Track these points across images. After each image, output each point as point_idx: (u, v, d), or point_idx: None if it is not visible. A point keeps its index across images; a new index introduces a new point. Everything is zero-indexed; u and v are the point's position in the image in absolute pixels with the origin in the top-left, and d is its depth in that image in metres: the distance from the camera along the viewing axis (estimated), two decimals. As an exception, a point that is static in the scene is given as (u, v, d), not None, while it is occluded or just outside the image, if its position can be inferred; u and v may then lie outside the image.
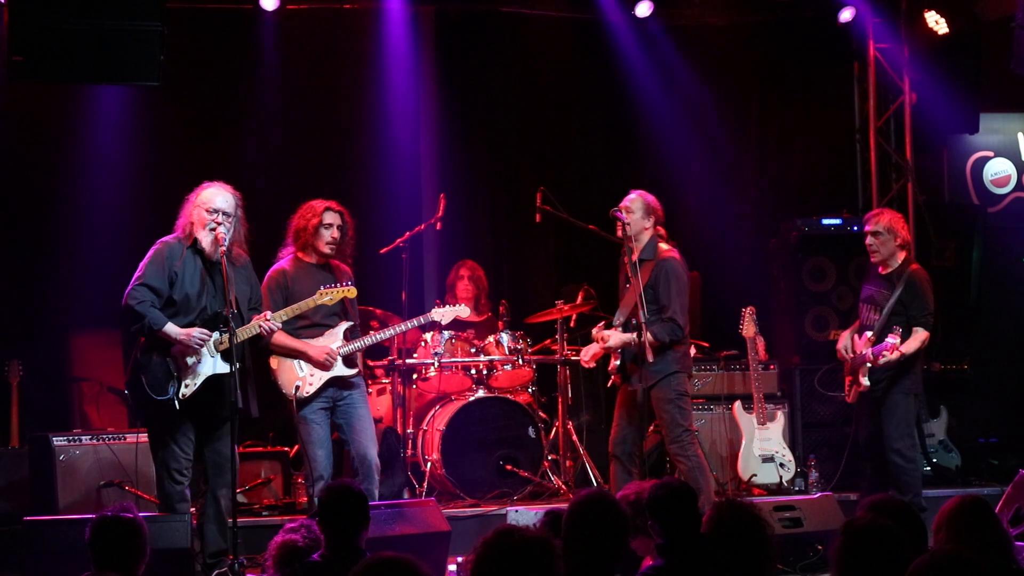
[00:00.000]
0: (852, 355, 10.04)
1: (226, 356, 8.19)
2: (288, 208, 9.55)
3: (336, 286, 8.97)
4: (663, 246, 9.71)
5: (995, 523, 5.52)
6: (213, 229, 8.35)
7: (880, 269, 10.15)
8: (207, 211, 8.41)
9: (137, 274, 8.40)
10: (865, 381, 9.91)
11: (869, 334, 9.95)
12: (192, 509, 8.53)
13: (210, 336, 8.28)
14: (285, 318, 8.65)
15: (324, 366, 9.11)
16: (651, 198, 9.80)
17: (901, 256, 10.11)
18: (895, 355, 9.74)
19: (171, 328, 8.24)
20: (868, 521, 5.00)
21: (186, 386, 8.25)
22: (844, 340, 10.17)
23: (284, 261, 9.31)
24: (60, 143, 11.97)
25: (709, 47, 13.10)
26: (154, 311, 8.25)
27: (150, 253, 8.47)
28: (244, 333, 8.36)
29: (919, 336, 9.92)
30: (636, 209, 9.69)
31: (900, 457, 9.97)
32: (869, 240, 10.11)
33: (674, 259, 9.66)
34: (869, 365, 9.84)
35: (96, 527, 6.11)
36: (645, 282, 9.50)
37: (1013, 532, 8.76)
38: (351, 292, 9.02)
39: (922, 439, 11.87)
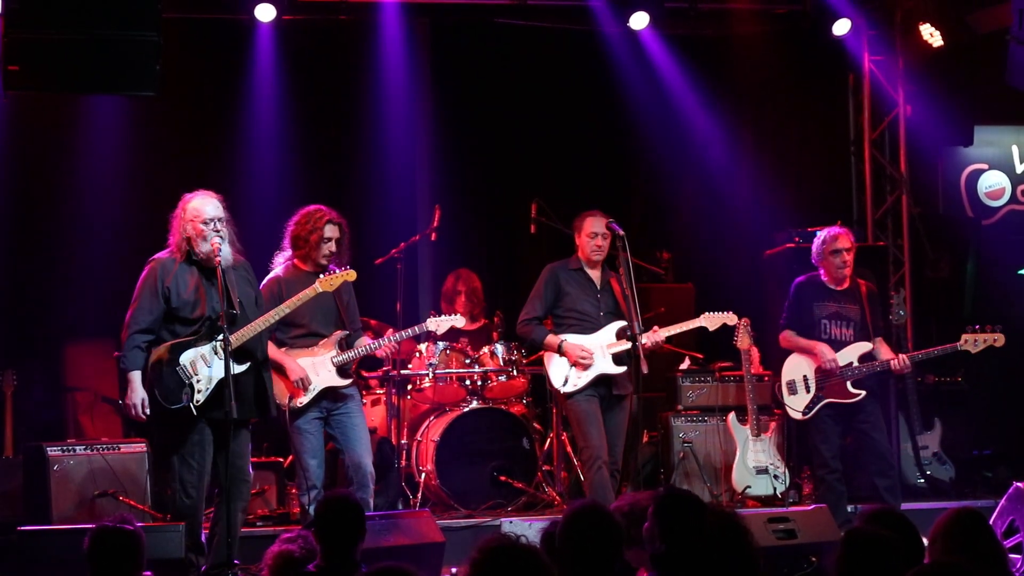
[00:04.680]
0: (852, 368, 10.10)
1: (235, 358, 8.16)
2: (283, 218, 9.54)
3: (334, 272, 8.94)
4: None
5: (990, 535, 5.53)
6: (214, 239, 8.32)
7: (834, 284, 10.27)
8: (202, 222, 8.35)
9: (132, 302, 8.41)
10: (856, 390, 10.02)
11: (869, 345, 10.09)
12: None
13: (140, 418, 8.31)
14: (287, 311, 8.60)
15: (297, 388, 9.10)
16: None
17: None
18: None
19: (134, 378, 8.26)
20: (871, 532, 5.02)
21: (199, 392, 8.23)
22: (831, 355, 10.17)
23: (280, 268, 9.31)
24: (56, 153, 11.98)
25: (704, 59, 13.11)
26: (133, 353, 8.28)
27: (142, 275, 8.45)
28: (250, 331, 8.32)
29: (886, 345, 10.25)
30: (608, 232, 9.84)
31: (895, 465, 10.17)
32: (848, 257, 10.22)
33: None
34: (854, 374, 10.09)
35: (95, 537, 6.08)
36: (619, 295, 9.75)
37: (1007, 544, 8.78)
38: (350, 275, 8.97)
39: (916, 451, 11.90)
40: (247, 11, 11.91)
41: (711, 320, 10.10)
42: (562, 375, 9.77)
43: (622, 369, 9.65)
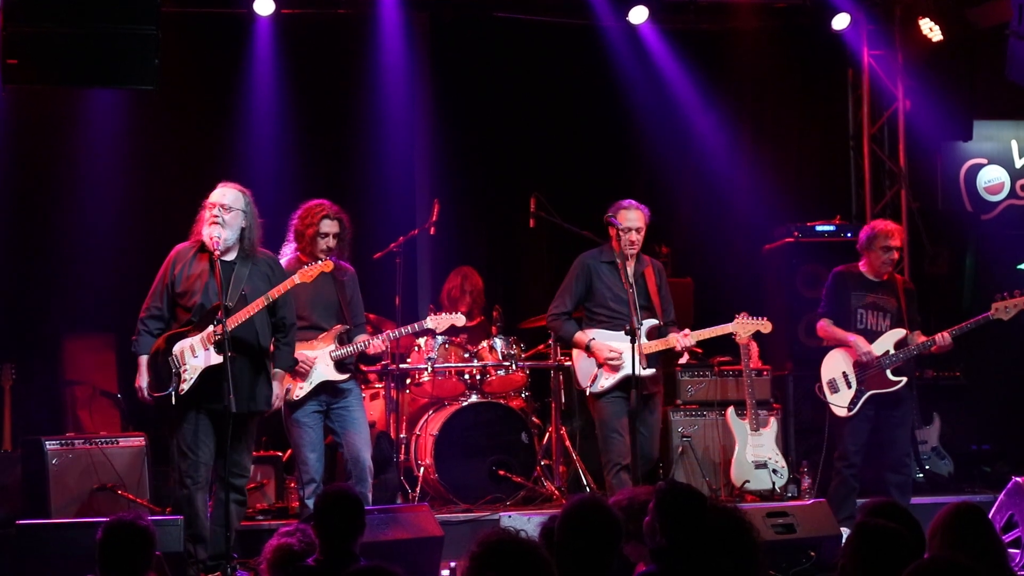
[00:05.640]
0: (890, 356, 10.06)
1: (219, 349, 8.17)
2: (281, 212, 9.55)
3: (313, 263, 8.92)
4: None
5: (990, 530, 5.54)
6: (211, 224, 8.38)
7: (873, 276, 10.21)
8: (206, 207, 8.46)
9: (151, 288, 8.59)
10: (896, 378, 10.00)
11: (904, 331, 10.09)
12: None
13: (148, 400, 8.42)
14: (269, 301, 8.47)
15: (299, 374, 9.10)
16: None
17: None
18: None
19: (142, 362, 8.43)
20: (883, 525, 5.04)
21: (184, 381, 8.25)
22: (865, 347, 10.09)
23: (283, 262, 9.30)
24: (54, 147, 11.97)
25: (703, 53, 13.11)
26: (143, 338, 8.46)
27: (164, 262, 8.61)
28: (235, 322, 8.26)
29: (924, 337, 10.13)
30: (644, 225, 9.66)
31: (911, 460, 10.21)
32: (897, 255, 10.26)
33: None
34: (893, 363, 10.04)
35: (109, 530, 6.10)
36: (653, 287, 9.60)
37: (1006, 539, 8.79)
38: (327, 266, 8.91)
39: (915, 446, 11.89)
40: (246, 5, 11.93)
41: (744, 326, 9.81)
42: (590, 374, 9.59)
43: (652, 371, 9.49)
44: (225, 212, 8.41)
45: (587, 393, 9.67)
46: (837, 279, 10.35)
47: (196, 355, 8.28)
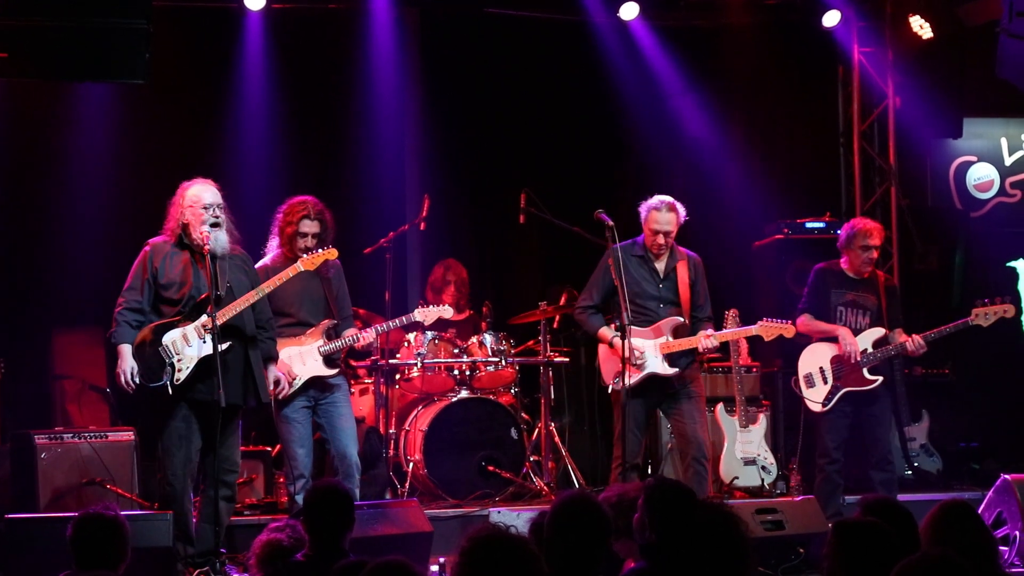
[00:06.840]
0: (868, 354, 10.06)
1: (213, 339, 8.17)
2: (271, 206, 9.54)
3: (316, 251, 8.92)
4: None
5: (981, 527, 5.54)
6: (214, 225, 8.38)
7: (854, 274, 10.22)
8: (202, 207, 8.43)
9: (125, 283, 8.54)
10: (873, 377, 10.01)
11: (883, 330, 10.08)
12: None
13: (130, 387, 8.35)
14: (268, 291, 8.56)
15: (279, 385, 9.02)
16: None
17: None
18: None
19: (123, 350, 8.38)
20: (862, 521, 5.05)
21: (179, 371, 8.25)
22: (851, 339, 10.08)
23: (268, 258, 9.31)
24: (45, 141, 11.96)
25: (694, 50, 13.11)
26: (122, 328, 8.41)
27: (137, 257, 8.56)
28: (231, 311, 8.30)
29: (905, 335, 10.11)
30: (675, 228, 9.68)
31: (894, 457, 10.28)
32: (876, 254, 10.27)
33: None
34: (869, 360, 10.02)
35: (78, 525, 6.10)
36: (687, 281, 9.59)
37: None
38: (331, 254, 8.94)
39: (904, 443, 11.91)
40: (236, -1, 11.94)
41: (767, 329, 9.75)
42: (614, 371, 9.45)
43: (674, 371, 9.46)
44: (221, 212, 8.45)
45: (609, 390, 9.63)
46: (818, 276, 10.37)
47: (190, 344, 8.28)
